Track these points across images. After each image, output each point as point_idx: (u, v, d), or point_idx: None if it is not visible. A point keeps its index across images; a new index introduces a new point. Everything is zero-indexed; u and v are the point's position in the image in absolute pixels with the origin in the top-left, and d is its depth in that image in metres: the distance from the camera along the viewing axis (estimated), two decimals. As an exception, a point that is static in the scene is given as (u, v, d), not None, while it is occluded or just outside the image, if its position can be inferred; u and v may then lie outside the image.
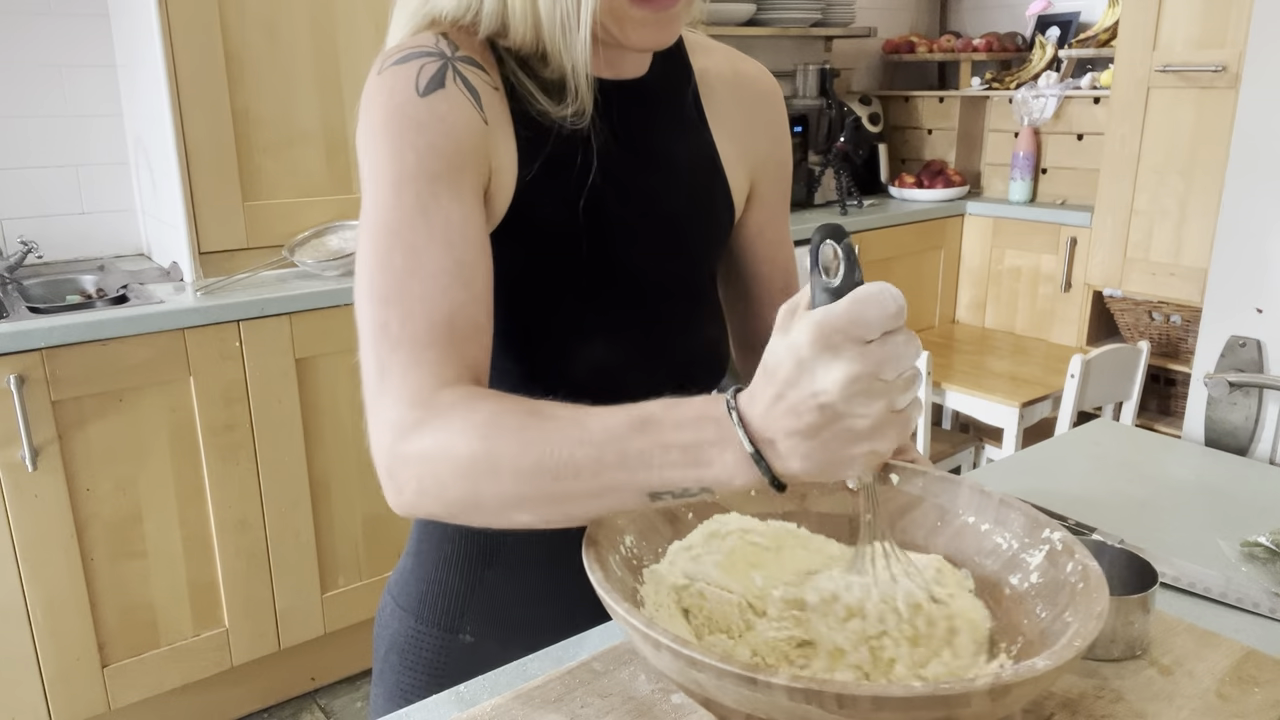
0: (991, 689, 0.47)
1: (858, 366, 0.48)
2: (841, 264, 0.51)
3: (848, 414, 0.49)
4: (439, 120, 0.68)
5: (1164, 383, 2.90)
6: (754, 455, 0.52)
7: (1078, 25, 3.33)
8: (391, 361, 0.63)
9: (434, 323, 0.64)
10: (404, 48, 0.72)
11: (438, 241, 0.65)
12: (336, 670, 2.31)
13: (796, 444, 0.51)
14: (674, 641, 0.50)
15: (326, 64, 2.15)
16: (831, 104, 3.19)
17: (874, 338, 0.49)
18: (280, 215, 2.16)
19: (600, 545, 0.62)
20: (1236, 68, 2.44)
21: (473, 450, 0.58)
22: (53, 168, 2.28)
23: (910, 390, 0.51)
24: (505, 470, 0.58)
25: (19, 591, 1.80)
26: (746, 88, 0.90)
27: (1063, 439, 1.25)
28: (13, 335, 1.70)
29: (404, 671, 0.87)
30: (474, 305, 0.66)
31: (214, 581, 2.04)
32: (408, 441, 0.61)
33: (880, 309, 0.48)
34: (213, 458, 1.97)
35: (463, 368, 0.64)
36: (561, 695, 0.69)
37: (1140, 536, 0.96)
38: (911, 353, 0.50)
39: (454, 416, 0.60)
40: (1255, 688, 0.69)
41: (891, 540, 0.63)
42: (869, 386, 0.49)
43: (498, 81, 0.74)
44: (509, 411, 0.59)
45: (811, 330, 0.49)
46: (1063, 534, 0.66)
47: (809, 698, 0.46)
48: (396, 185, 0.66)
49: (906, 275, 3.23)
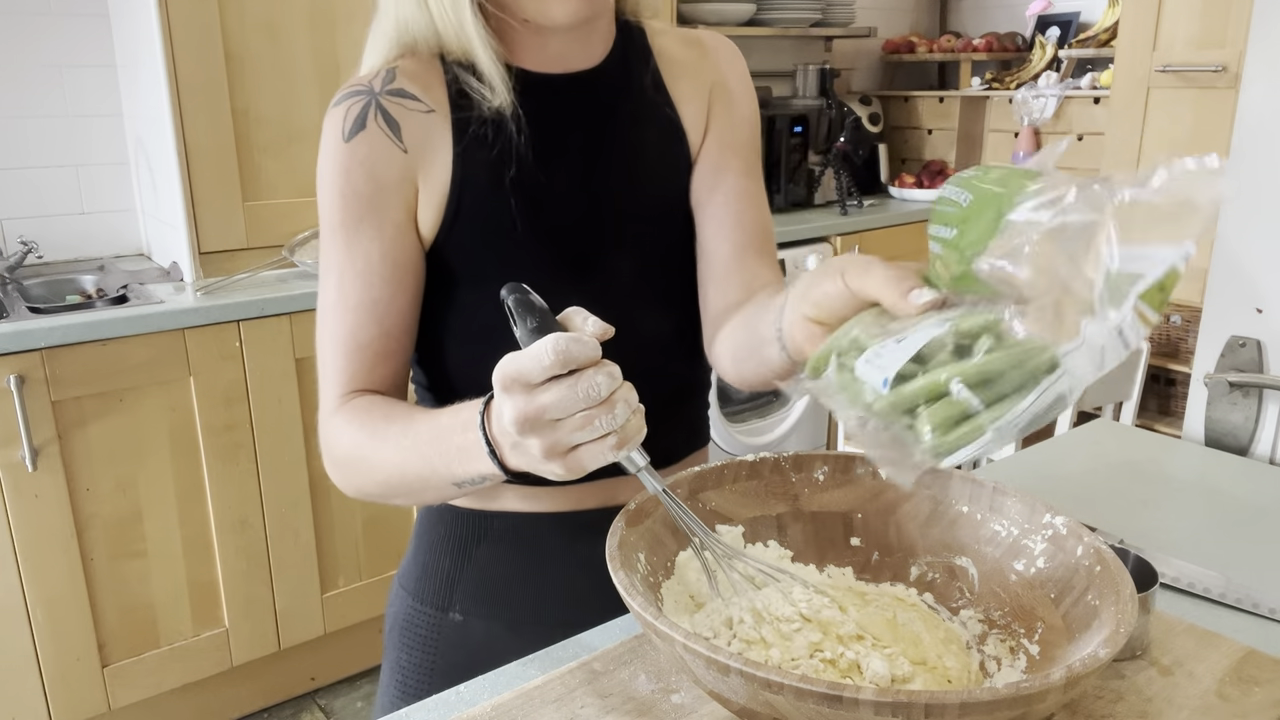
0: (1067, 682, 0.48)
1: (519, 408, 0.57)
2: (514, 318, 0.62)
3: (522, 442, 0.59)
4: (359, 164, 0.77)
5: (1164, 383, 2.90)
6: (490, 454, 0.63)
7: (1078, 25, 3.33)
8: (322, 373, 0.80)
9: (349, 350, 0.79)
10: (346, 86, 0.80)
11: (360, 280, 0.78)
12: (336, 670, 2.31)
13: (509, 449, 0.62)
14: (746, 665, 0.49)
15: (326, 64, 2.15)
16: (831, 104, 3.19)
17: (537, 382, 0.56)
18: (280, 215, 2.16)
19: (628, 569, 0.61)
20: (1236, 68, 2.44)
21: (350, 451, 0.76)
22: (53, 168, 2.28)
23: (585, 431, 0.57)
24: (369, 468, 0.74)
25: (19, 591, 1.80)
26: (702, 51, 0.91)
27: (1063, 439, 1.25)
28: (13, 335, 1.70)
29: (403, 649, 0.92)
30: (383, 338, 0.79)
31: (214, 581, 2.04)
32: (325, 452, 0.79)
33: (535, 362, 0.56)
34: (213, 458, 1.97)
35: (373, 381, 0.79)
36: (561, 695, 0.69)
37: (1140, 536, 0.96)
38: (575, 397, 0.56)
39: (343, 421, 0.76)
40: (1255, 688, 0.69)
41: (698, 524, 0.66)
42: (534, 425, 0.57)
43: (437, 103, 0.79)
44: (372, 420, 0.74)
45: (496, 376, 0.58)
46: (1065, 517, 0.66)
47: (896, 710, 0.47)
48: (333, 228, 0.79)
49: (906, 275, 3.22)
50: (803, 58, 3.43)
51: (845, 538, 0.75)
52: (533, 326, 0.60)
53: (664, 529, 0.70)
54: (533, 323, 0.61)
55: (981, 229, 0.56)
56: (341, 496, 2.15)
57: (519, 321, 0.61)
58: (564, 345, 0.56)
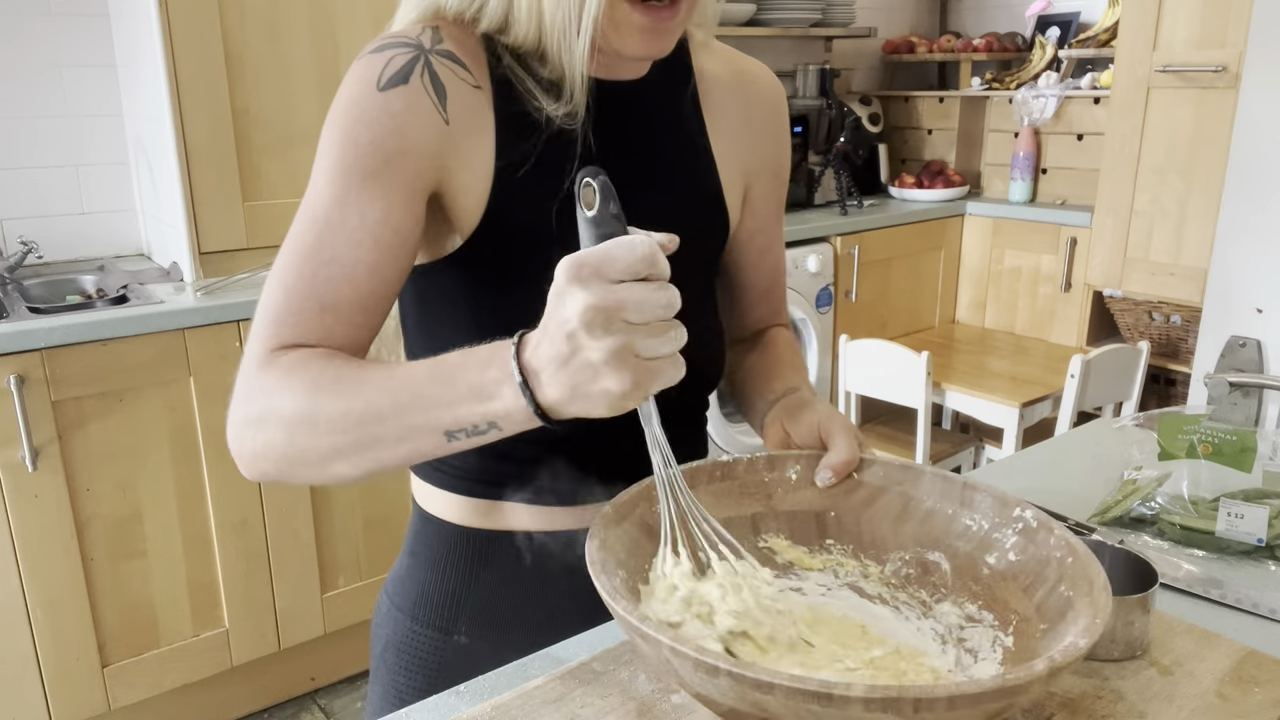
0: (1049, 672, 0.49)
1: (596, 298, 0.52)
2: (597, 197, 0.55)
3: (586, 344, 0.52)
4: (389, 117, 0.69)
5: (1164, 383, 2.90)
6: (521, 384, 0.56)
7: (1078, 25, 3.33)
8: (258, 327, 0.68)
9: (309, 304, 0.68)
10: (386, 36, 0.73)
11: (345, 236, 0.68)
12: (336, 670, 2.31)
13: (553, 373, 0.55)
14: (735, 665, 0.49)
15: (326, 64, 2.15)
16: (831, 104, 3.19)
17: (620, 278, 0.52)
18: (280, 215, 2.15)
19: (608, 573, 0.60)
20: (1236, 68, 2.44)
21: (296, 406, 0.63)
22: (53, 168, 2.28)
23: (660, 341, 0.53)
24: (321, 422, 0.62)
25: (19, 591, 1.80)
26: (747, 87, 0.88)
27: (1063, 439, 1.25)
28: (13, 335, 1.70)
29: (400, 672, 0.87)
30: (354, 304, 0.69)
31: (214, 581, 2.04)
32: (241, 409, 0.66)
33: (629, 251, 0.52)
34: (213, 458, 1.97)
35: (320, 342, 0.68)
36: (561, 695, 0.69)
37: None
38: (659, 300, 0.52)
39: (284, 377, 0.65)
40: (1255, 688, 0.69)
41: (689, 497, 0.65)
42: (608, 320, 0.52)
43: (481, 80, 0.73)
44: (332, 368, 0.64)
45: (566, 265, 0.53)
46: (1034, 511, 0.67)
47: (886, 706, 0.47)
48: (331, 174, 0.69)
49: (906, 275, 3.23)
50: (803, 58, 3.43)
51: (819, 536, 0.75)
52: (615, 212, 0.55)
53: (640, 532, 0.69)
54: (615, 208, 0.55)
55: None
56: (342, 496, 2.16)
57: (601, 203, 0.55)
58: (656, 248, 0.52)
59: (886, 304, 3.18)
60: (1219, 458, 0.95)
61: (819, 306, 2.92)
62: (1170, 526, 0.94)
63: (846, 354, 2.59)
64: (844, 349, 2.59)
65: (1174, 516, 0.93)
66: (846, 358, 2.59)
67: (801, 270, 2.83)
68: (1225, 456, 0.95)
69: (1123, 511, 0.97)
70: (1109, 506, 0.98)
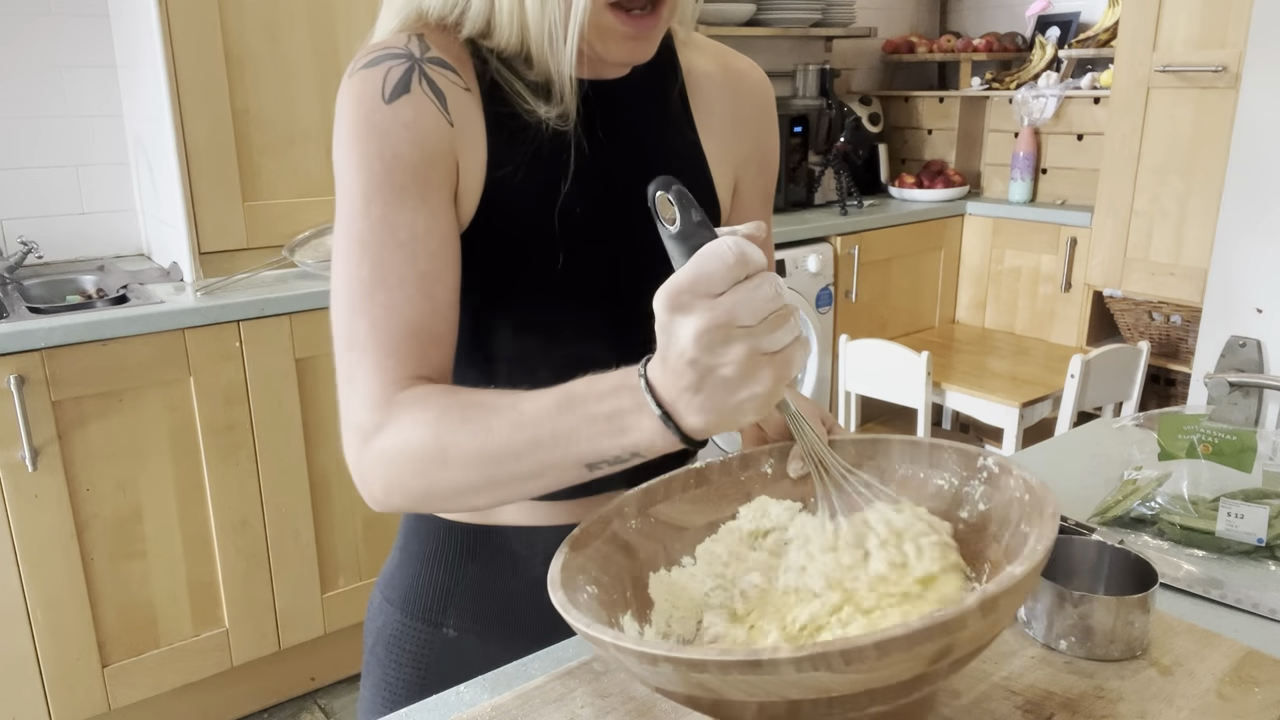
0: (981, 604, 0.48)
1: (705, 319, 0.51)
2: (676, 210, 0.54)
3: (715, 365, 0.52)
4: (404, 128, 0.70)
5: (1164, 383, 2.90)
6: (662, 417, 0.55)
7: (1078, 25, 3.33)
8: (358, 369, 0.68)
9: (396, 331, 0.68)
10: (374, 49, 0.73)
11: (403, 253, 0.69)
12: (336, 670, 2.31)
13: (689, 401, 0.54)
14: (670, 650, 0.49)
15: (326, 64, 2.15)
16: (831, 104, 3.19)
17: (721, 290, 0.51)
18: (280, 215, 2.16)
19: (569, 586, 0.61)
20: (1236, 68, 2.44)
21: (425, 445, 0.63)
22: (53, 168, 2.28)
23: (780, 330, 0.52)
24: (455, 461, 0.63)
25: (19, 591, 1.80)
26: (735, 82, 0.89)
27: (1063, 439, 1.25)
28: (13, 335, 1.70)
29: (390, 665, 0.88)
30: (435, 316, 0.70)
31: (214, 581, 2.04)
32: (371, 444, 0.66)
33: (720, 262, 0.51)
34: (213, 458, 1.97)
35: (424, 372, 0.69)
36: (561, 695, 0.69)
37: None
38: (765, 294, 0.52)
39: (409, 415, 0.65)
40: (1255, 688, 0.69)
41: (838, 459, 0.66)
42: (726, 335, 0.51)
43: (470, 83, 0.74)
44: (456, 405, 0.64)
45: (663, 299, 0.52)
46: (995, 457, 0.68)
47: (816, 663, 0.46)
48: (365, 197, 0.69)
49: (906, 275, 3.23)
50: (803, 58, 3.43)
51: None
52: (698, 219, 0.54)
53: (614, 547, 0.69)
54: (698, 214, 0.54)
55: None
56: (342, 497, 2.16)
57: (682, 214, 0.54)
58: (743, 245, 0.51)
59: (886, 304, 3.19)
60: (1219, 458, 0.95)
61: (819, 306, 2.93)
62: (1170, 526, 0.94)
63: (846, 354, 2.59)
64: (844, 349, 2.59)
65: (1174, 516, 0.94)
66: (846, 358, 2.59)
67: (801, 270, 2.83)
68: (1225, 456, 0.95)
69: (1123, 511, 0.97)
70: (1109, 506, 0.98)
